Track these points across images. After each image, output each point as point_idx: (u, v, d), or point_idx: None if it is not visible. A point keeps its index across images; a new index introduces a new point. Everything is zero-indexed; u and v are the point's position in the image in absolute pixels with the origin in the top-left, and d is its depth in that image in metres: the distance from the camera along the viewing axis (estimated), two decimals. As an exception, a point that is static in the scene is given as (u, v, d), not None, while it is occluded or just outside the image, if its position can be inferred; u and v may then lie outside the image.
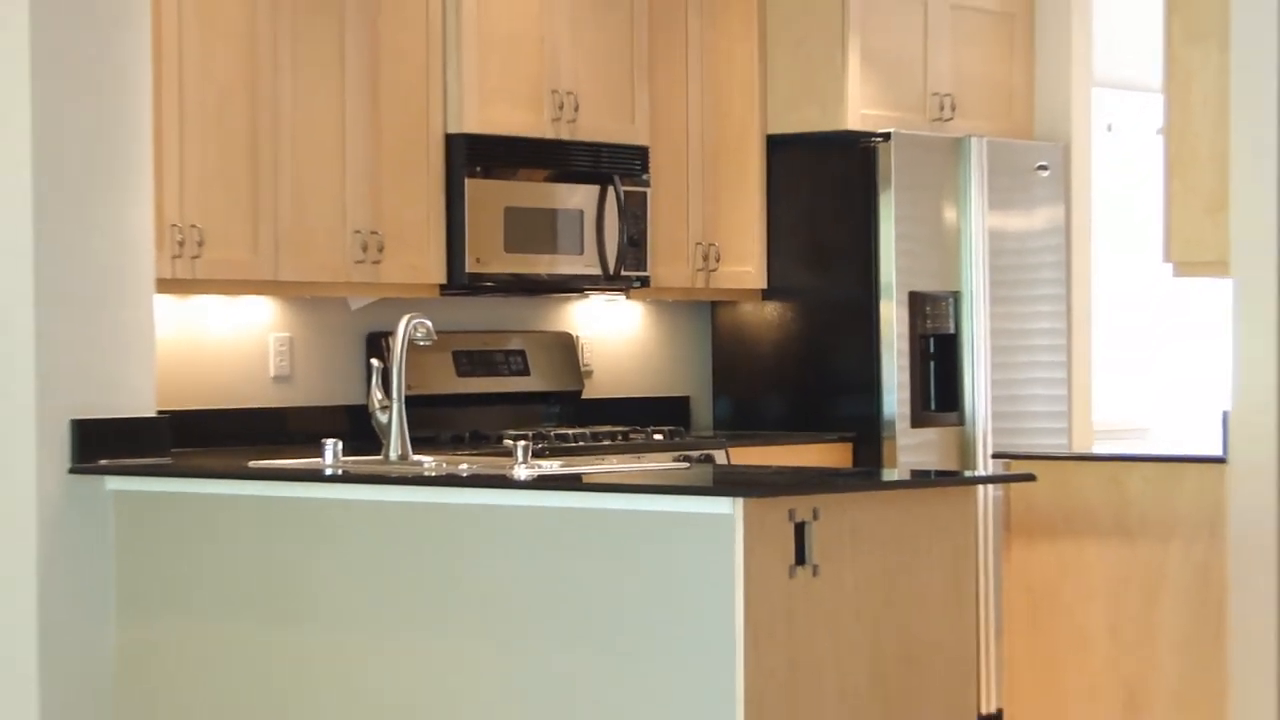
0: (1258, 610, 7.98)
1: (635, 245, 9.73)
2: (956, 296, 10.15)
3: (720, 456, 9.44)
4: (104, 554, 7.80)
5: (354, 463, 7.53)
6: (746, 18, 10.33)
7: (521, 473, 7.04)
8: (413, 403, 7.93)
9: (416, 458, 7.70)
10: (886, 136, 10.05)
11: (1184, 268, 8.85)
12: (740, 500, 6.10)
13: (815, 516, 6.25)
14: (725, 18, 10.27)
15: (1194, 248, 8.65)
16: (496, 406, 9.76)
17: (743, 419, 10.54)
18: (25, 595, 7.70)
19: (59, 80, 7.75)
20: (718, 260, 10.19)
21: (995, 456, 9.77)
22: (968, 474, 8.02)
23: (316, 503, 7.32)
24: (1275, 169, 7.94)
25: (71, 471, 7.64)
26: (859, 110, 10.18)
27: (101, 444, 7.70)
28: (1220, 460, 8.11)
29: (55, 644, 7.66)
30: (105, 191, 7.83)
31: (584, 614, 6.57)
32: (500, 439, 8.90)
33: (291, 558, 7.40)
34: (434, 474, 7.26)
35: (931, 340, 10.13)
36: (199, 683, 7.55)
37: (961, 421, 10.26)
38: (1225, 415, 8.12)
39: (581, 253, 9.60)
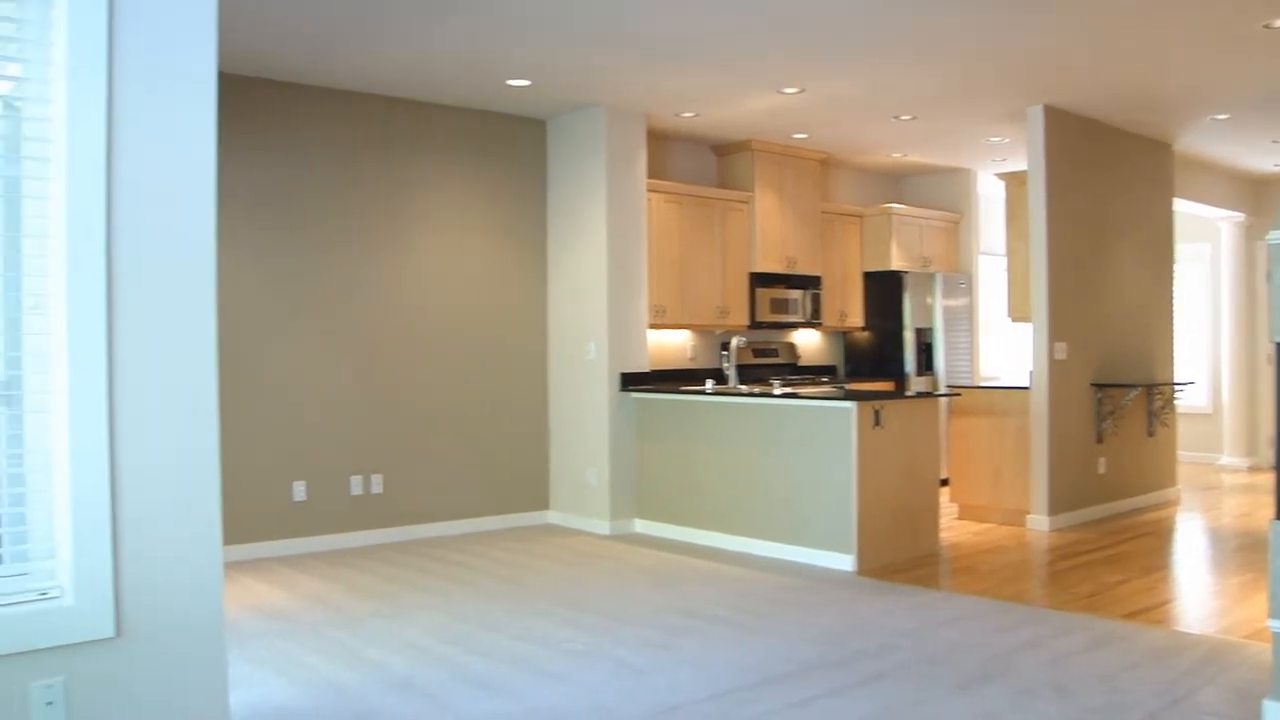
0: (1040, 442, 7.73)
1: (816, 310, 9.55)
2: (931, 330, 10.03)
3: (847, 388, 9.22)
4: (631, 419, 7.87)
5: (717, 389, 7.62)
6: (855, 230, 10.08)
7: (777, 392, 7.23)
8: (738, 369, 8.39)
9: (740, 388, 7.88)
10: (906, 272, 9.94)
11: (1015, 318, 8.60)
12: (855, 403, 6.49)
13: (882, 408, 6.60)
14: (847, 231, 9.98)
15: (1017, 312, 8.53)
16: (768, 369, 9.47)
17: (853, 374, 10.26)
18: (603, 433, 7.79)
19: (617, 251, 7.80)
20: (846, 316, 10.03)
21: (949, 387, 9.57)
22: (935, 393, 8.32)
23: (704, 404, 7.47)
24: (1045, 289, 7.83)
25: (621, 391, 7.83)
26: (896, 263, 9.98)
27: (631, 381, 7.86)
28: (1026, 388, 7.96)
29: (617, 450, 7.79)
30: (631, 293, 7.91)
31: (800, 439, 6.79)
32: (769, 380, 8.76)
33: (694, 420, 7.46)
34: (746, 393, 7.38)
35: (922, 342, 9.98)
36: (666, 466, 7.65)
37: (934, 374, 10.06)
38: (1030, 373, 7.92)
39: (798, 314, 9.37)
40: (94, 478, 2.72)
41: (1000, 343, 11.75)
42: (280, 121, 7.15)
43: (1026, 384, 8.11)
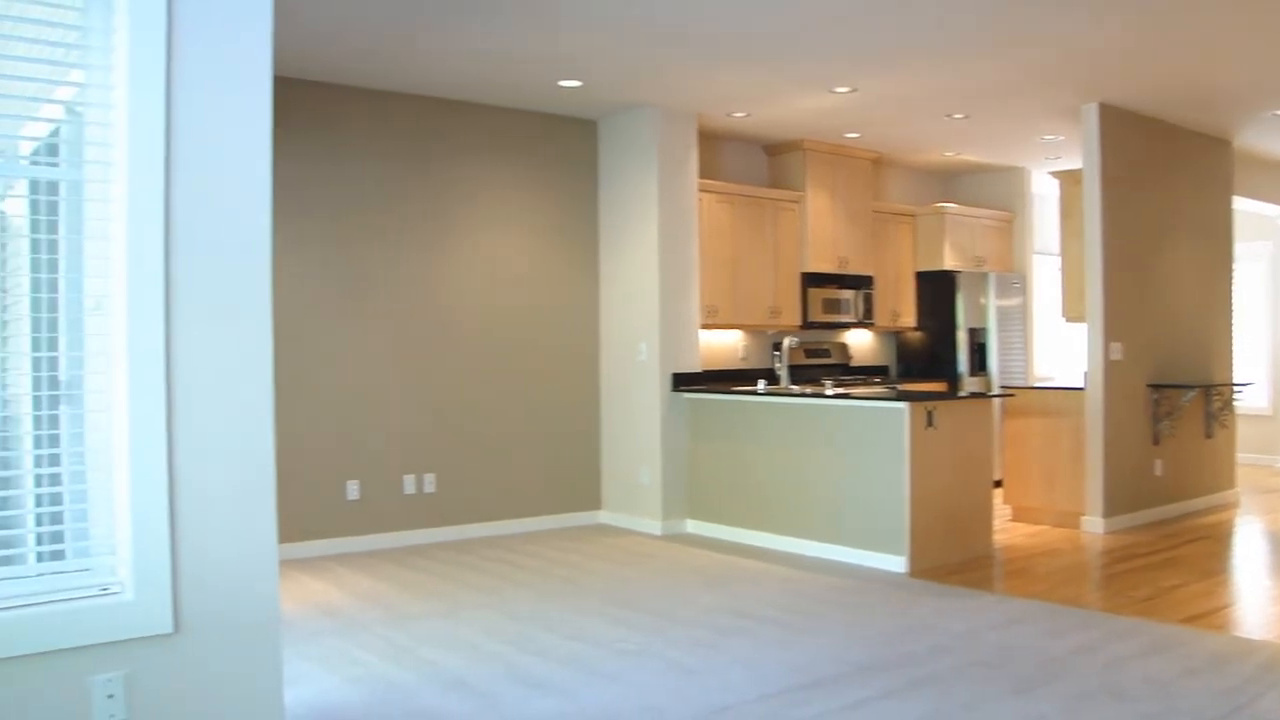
0: (1095, 443, 7.72)
1: (868, 310, 9.52)
2: (984, 330, 9.94)
3: (900, 388, 9.16)
4: (683, 419, 7.86)
5: (768, 389, 7.63)
6: (907, 229, 10.01)
7: (829, 393, 7.20)
8: (790, 369, 8.32)
9: (792, 388, 7.85)
10: (958, 272, 9.86)
11: (1069, 318, 8.47)
12: (908, 403, 6.45)
13: (935, 408, 6.55)
14: (899, 231, 9.93)
15: (1071, 311, 8.41)
16: (820, 369, 9.43)
17: (905, 374, 10.19)
18: (655, 434, 7.77)
19: (668, 251, 7.77)
20: (898, 316, 9.97)
21: (1002, 387, 9.51)
22: (989, 394, 8.27)
23: (756, 404, 7.46)
24: (1100, 289, 7.77)
25: (673, 391, 7.83)
26: (949, 263, 9.91)
27: (682, 381, 7.87)
28: (1081, 389, 7.87)
29: (669, 450, 7.78)
30: (682, 293, 7.89)
31: (853, 439, 6.73)
32: (821, 380, 8.71)
33: (745, 421, 7.41)
34: (798, 393, 7.38)
35: (976, 342, 9.92)
36: (718, 466, 7.62)
37: (987, 374, 9.96)
38: (1085, 373, 7.84)
39: (851, 314, 9.36)
40: (153, 476, 2.77)
41: (1054, 343, 11.63)
42: (332, 123, 7.23)
43: (1081, 385, 8.02)
